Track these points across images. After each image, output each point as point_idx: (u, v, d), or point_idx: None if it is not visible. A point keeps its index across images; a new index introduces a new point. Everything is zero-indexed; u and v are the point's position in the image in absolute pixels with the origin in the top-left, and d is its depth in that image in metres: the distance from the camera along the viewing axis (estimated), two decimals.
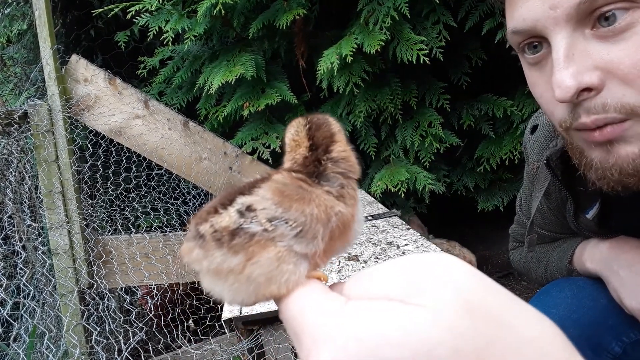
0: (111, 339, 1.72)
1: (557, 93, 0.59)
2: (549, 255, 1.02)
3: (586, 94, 0.59)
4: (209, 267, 0.38)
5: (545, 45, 0.64)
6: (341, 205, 0.39)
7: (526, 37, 0.65)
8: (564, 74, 0.58)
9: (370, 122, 2.55)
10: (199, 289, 2.16)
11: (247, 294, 0.37)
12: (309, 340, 0.31)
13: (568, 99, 0.59)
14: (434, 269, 0.31)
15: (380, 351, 0.28)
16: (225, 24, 2.47)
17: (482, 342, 0.28)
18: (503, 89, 2.50)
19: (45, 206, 2.01)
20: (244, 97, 2.37)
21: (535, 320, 0.30)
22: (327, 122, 0.43)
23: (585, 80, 0.58)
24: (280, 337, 1.16)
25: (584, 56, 0.58)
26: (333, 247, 0.39)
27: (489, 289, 0.31)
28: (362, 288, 0.33)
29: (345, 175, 0.41)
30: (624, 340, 0.83)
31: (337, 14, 2.54)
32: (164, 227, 2.33)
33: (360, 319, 0.30)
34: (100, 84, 2.13)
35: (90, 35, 3.34)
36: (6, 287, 1.72)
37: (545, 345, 0.29)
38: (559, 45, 0.59)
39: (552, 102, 0.65)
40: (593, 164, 0.65)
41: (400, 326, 0.28)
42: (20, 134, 2.01)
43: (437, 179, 2.51)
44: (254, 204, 0.37)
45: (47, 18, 2.01)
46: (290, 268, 0.36)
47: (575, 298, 0.89)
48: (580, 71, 0.58)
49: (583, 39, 0.59)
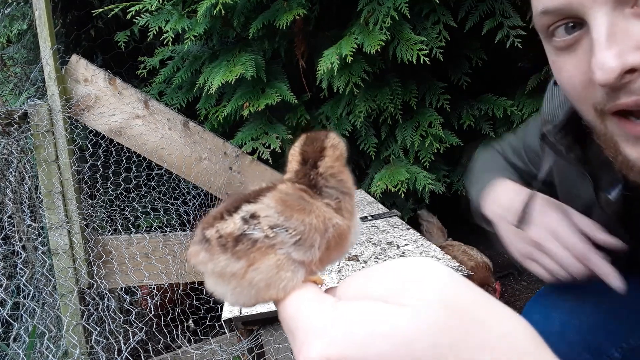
0: (111, 339, 1.72)
1: (598, 75, 0.55)
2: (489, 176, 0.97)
3: (629, 76, 0.55)
4: (214, 269, 0.40)
5: (578, 28, 0.59)
6: (338, 218, 0.41)
7: (558, 18, 0.60)
8: (606, 54, 0.55)
9: (370, 122, 2.55)
10: (199, 289, 2.16)
11: (249, 297, 0.40)
12: (302, 335, 0.34)
13: (611, 81, 0.55)
14: (416, 272, 0.34)
15: (365, 344, 0.31)
16: (225, 24, 2.47)
17: (457, 336, 0.31)
18: (503, 89, 2.50)
19: (45, 206, 2.01)
20: (244, 97, 2.37)
21: (507, 317, 0.33)
22: (321, 137, 0.44)
23: (629, 60, 0.54)
24: (280, 337, 1.16)
25: (626, 36, 0.55)
26: (329, 256, 0.41)
27: (465, 289, 0.34)
28: (351, 290, 0.37)
29: (339, 190, 0.43)
30: (623, 347, 0.82)
31: (337, 14, 2.54)
32: (164, 227, 2.33)
33: (348, 316, 0.33)
34: (100, 84, 2.13)
35: (90, 35, 3.34)
36: (6, 287, 1.72)
37: (516, 340, 0.32)
38: (599, 24, 0.55)
39: (582, 86, 0.61)
40: (634, 166, 0.60)
41: (384, 322, 0.32)
42: (20, 134, 2.01)
43: (437, 179, 2.51)
44: (257, 212, 0.40)
45: (47, 18, 2.01)
46: (288, 275, 0.39)
47: (576, 302, 0.88)
48: (625, 51, 0.54)
49: (623, 18, 0.55)
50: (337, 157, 0.43)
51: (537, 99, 2.33)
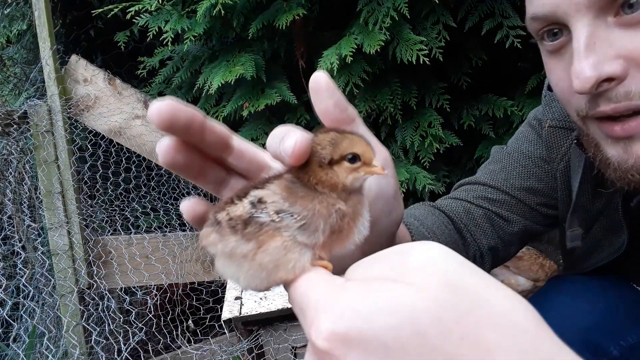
0: (111, 339, 1.72)
1: (575, 84, 0.57)
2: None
3: (606, 84, 0.57)
4: (224, 250, 0.42)
5: (565, 33, 0.61)
6: (341, 204, 0.42)
7: (546, 24, 0.63)
8: (583, 64, 0.56)
9: (370, 122, 2.55)
10: (199, 289, 2.16)
11: (260, 279, 0.41)
12: (312, 312, 0.36)
13: (587, 90, 0.57)
14: (422, 254, 0.36)
15: (372, 319, 0.32)
16: (225, 24, 2.47)
17: (460, 311, 0.32)
18: (503, 89, 2.50)
19: (44, 206, 2.01)
20: (244, 98, 2.37)
21: (509, 297, 0.34)
22: (343, 144, 0.43)
23: (606, 70, 0.56)
24: (280, 337, 1.16)
25: (606, 45, 0.56)
26: (334, 241, 0.42)
27: (468, 270, 0.35)
28: (359, 272, 0.38)
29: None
30: (621, 344, 0.82)
31: (337, 14, 2.54)
32: (163, 227, 2.33)
33: (357, 294, 0.34)
34: (100, 84, 2.13)
35: (90, 35, 3.34)
36: (6, 287, 1.72)
37: (516, 318, 0.33)
38: (580, 34, 0.57)
39: (568, 91, 0.63)
40: (610, 163, 0.62)
41: (391, 298, 0.33)
42: (20, 134, 2.01)
43: (437, 179, 2.51)
44: (264, 197, 0.41)
45: (46, 18, 2.01)
46: (295, 256, 0.40)
47: (574, 301, 0.88)
48: (601, 61, 0.56)
49: (605, 27, 0.56)
50: (350, 169, 0.42)
51: (537, 99, 2.32)
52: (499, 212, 0.93)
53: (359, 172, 0.42)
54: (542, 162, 0.93)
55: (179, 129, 0.44)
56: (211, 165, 0.49)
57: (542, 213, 0.94)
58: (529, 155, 0.95)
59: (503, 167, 0.96)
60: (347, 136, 0.43)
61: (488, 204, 0.93)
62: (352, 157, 0.42)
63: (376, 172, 0.43)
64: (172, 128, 0.43)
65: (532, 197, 0.93)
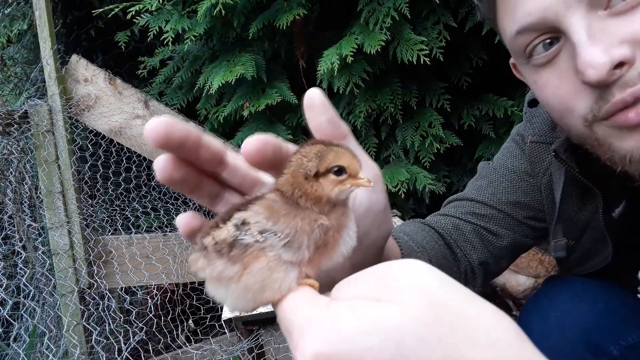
0: (111, 339, 1.72)
1: (590, 74, 0.55)
2: None
3: (618, 71, 0.55)
4: (211, 274, 0.42)
5: (559, 41, 0.60)
6: (323, 218, 0.42)
7: (536, 35, 0.61)
8: (592, 51, 0.54)
9: (370, 122, 2.55)
10: (199, 289, 2.16)
11: (246, 301, 0.41)
12: (297, 333, 0.36)
13: (604, 77, 0.54)
14: (404, 272, 0.36)
15: (356, 339, 0.32)
16: (225, 24, 2.47)
17: (444, 331, 0.32)
18: (503, 89, 2.50)
19: (45, 206, 2.01)
20: (244, 97, 2.37)
21: (492, 314, 0.34)
22: (302, 153, 0.43)
23: (617, 54, 0.54)
24: (280, 337, 1.16)
25: (606, 34, 0.55)
26: (321, 255, 0.42)
27: (451, 287, 0.35)
28: (344, 291, 0.38)
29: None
30: (622, 344, 0.82)
31: (337, 14, 2.54)
32: (164, 227, 2.33)
33: (340, 314, 0.35)
34: (100, 84, 2.13)
35: (91, 35, 3.34)
36: (6, 287, 1.73)
37: (499, 335, 0.33)
38: (578, 26, 0.56)
39: (571, 96, 0.61)
40: (629, 157, 0.60)
41: (374, 318, 0.33)
42: (20, 134, 2.01)
43: (437, 179, 2.51)
44: (247, 218, 0.41)
45: (47, 18, 2.02)
46: (281, 276, 0.40)
47: (574, 301, 0.88)
48: (609, 47, 0.54)
49: (598, 20, 0.56)
50: (335, 181, 0.42)
51: None
52: (487, 227, 0.93)
53: (345, 184, 0.42)
54: (527, 176, 0.94)
55: (174, 146, 0.44)
56: (206, 180, 0.50)
57: (531, 226, 0.95)
58: (514, 170, 0.96)
59: (490, 183, 0.97)
60: (333, 149, 0.43)
61: (476, 219, 0.94)
62: (338, 170, 0.42)
63: (362, 184, 0.43)
64: (168, 145, 0.43)
65: (520, 210, 0.94)
